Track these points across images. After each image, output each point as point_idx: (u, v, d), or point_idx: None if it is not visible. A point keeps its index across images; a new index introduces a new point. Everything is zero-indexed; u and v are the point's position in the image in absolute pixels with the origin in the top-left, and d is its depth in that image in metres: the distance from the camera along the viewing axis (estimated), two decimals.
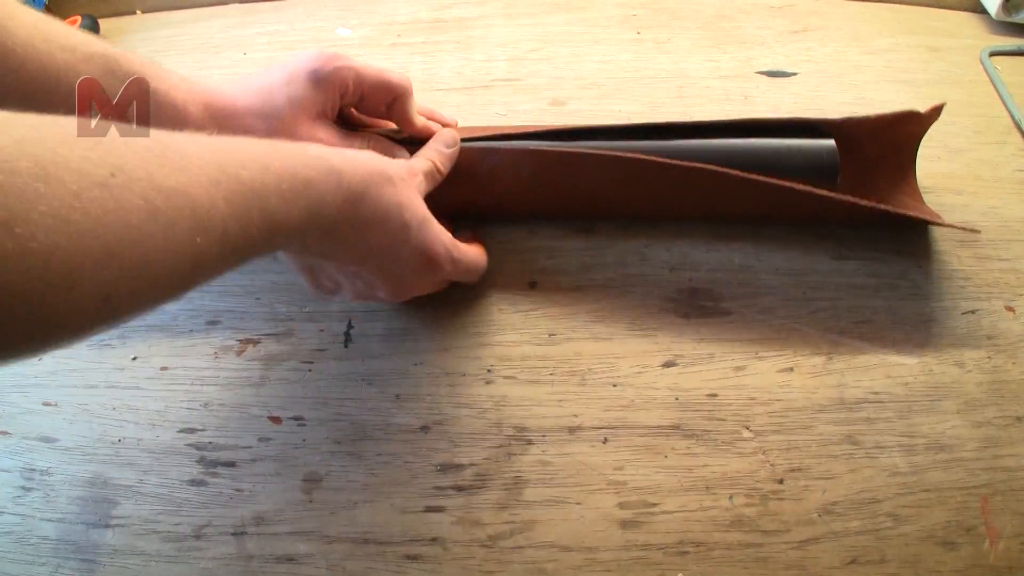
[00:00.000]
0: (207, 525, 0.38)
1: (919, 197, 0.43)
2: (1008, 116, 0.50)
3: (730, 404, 0.39)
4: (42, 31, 0.32)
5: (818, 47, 0.56)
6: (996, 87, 0.52)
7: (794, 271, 0.43)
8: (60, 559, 0.38)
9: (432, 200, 0.38)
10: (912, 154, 0.44)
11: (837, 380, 0.39)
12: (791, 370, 0.40)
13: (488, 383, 0.41)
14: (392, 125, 0.45)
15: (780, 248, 0.44)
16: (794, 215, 0.44)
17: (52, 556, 0.38)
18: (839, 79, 0.53)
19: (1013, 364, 0.39)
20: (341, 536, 0.38)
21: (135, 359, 0.44)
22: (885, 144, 0.43)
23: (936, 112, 0.41)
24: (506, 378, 0.41)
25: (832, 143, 0.41)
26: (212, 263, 0.26)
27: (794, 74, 0.54)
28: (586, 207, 0.45)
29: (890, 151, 0.44)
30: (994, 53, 0.54)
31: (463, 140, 0.42)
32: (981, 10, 0.58)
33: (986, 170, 0.47)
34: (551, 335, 0.42)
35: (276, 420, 0.41)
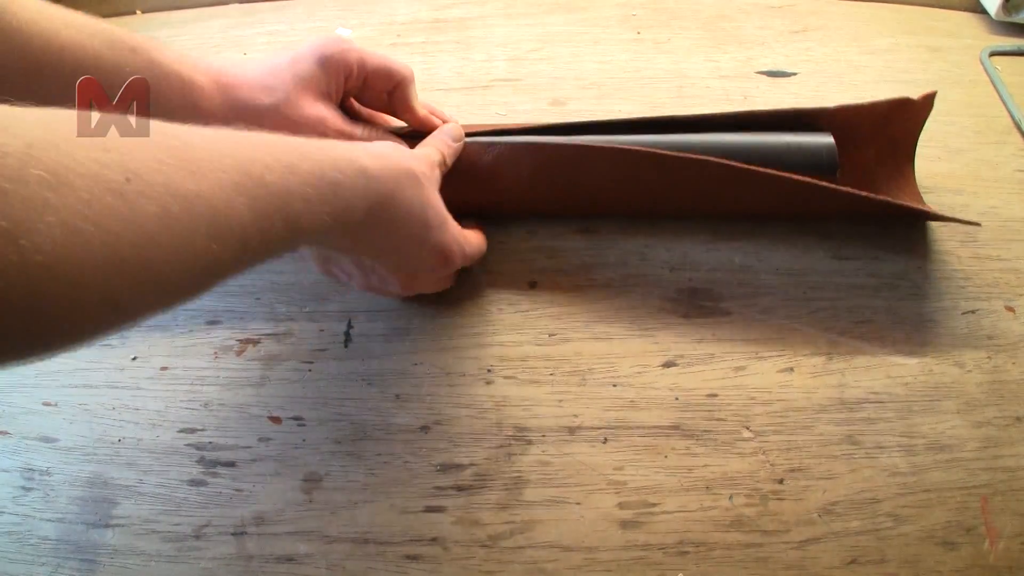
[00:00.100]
0: (207, 525, 0.38)
1: (919, 198, 0.43)
2: (1008, 116, 0.50)
3: (730, 404, 0.39)
4: (44, 12, 0.32)
5: (818, 47, 0.56)
6: (996, 87, 0.52)
7: (794, 271, 0.43)
8: (60, 559, 0.38)
9: None
10: (910, 154, 0.44)
11: (837, 380, 0.39)
12: (791, 370, 0.40)
13: (488, 383, 0.41)
14: (394, 122, 0.45)
15: (780, 248, 0.44)
16: (794, 211, 0.44)
17: (52, 556, 0.38)
18: (839, 79, 0.53)
19: (1013, 364, 0.39)
20: (341, 536, 0.38)
21: (135, 359, 0.44)
22: (883, 144, 0.43)
23: (929, 101, 0.41)
24: (506, 378, 0.41)
25: (831, 141, 0.41)
26: (227, 268, 0.25)
27: (794, 74, 0.54)
28: (586, 203, 0.45)
29: (888, 151, 0.44)
30: (994, 53, 0.54)
31: (465, 135, 0.43)
32: (981, 10, 0.58)
33: (986, 170, 0.47)
34: (551, 335, 0.42)
35: (276, 420, 0.41)
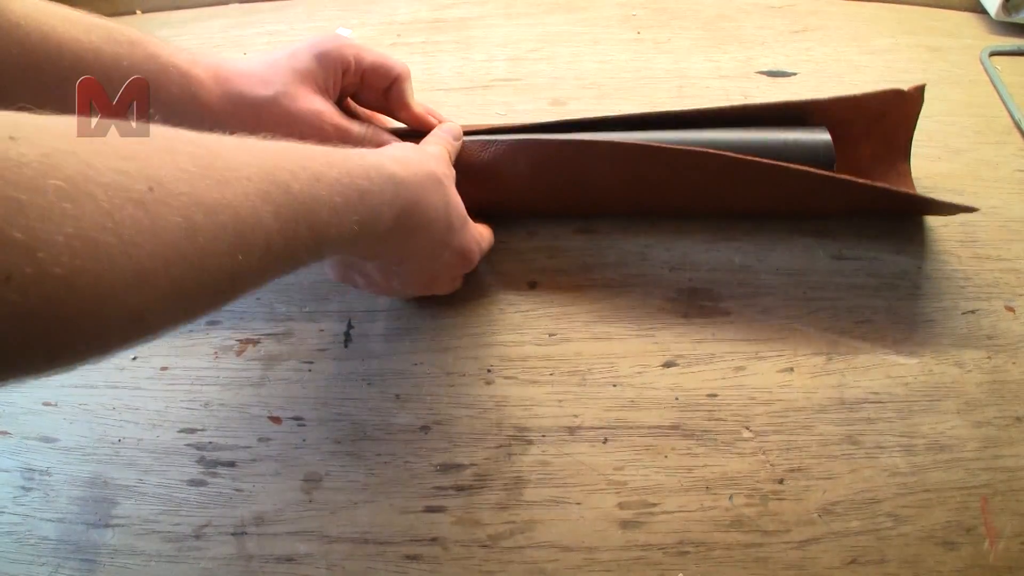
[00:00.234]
0: (207, 525, 0.38)
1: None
2: (1008, 116, 0.50)
3: (730, 404, 0.39)
4: (41, 8, 0.32)
5: (818, 47, 0.56)
6: (996, 87, 0.52)
7: (794, 271, 0.43)
8: (60, 559, 0.38)
9: None
10: (905, 151, 0.44)
11: (837, 380, 0.39)
12: (791, 370, 0.40)
13: (488, 383, 0.41)
14: (390, 122, 0.45)
15: (780, 248, 0.44)
16: (793, 207, 0.44)
17: (52, 556, 0.38)
18: (839, 79, 0.53)
19: (1013, 364, 0.39)
20: (341, 536, 0.38)
21: (135, 359, 0.44)
22: (878, 142, 0.43)
23: (919, 93, 0.42)
24: (506, 378, 0.41)
25: (827, 137, 0.41)
26: (252, 279, 0.25)
27: (794, 74, 0.54)
28: (586, 201, 0.45)
29: (883, 149, 0.44)
30: (994, 53, 0.54)
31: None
32: (981, 10, 0.58)
33: (986, 170, 0.47)
34: (551, 335, 0.42)
35: (276, 420, 0.41)
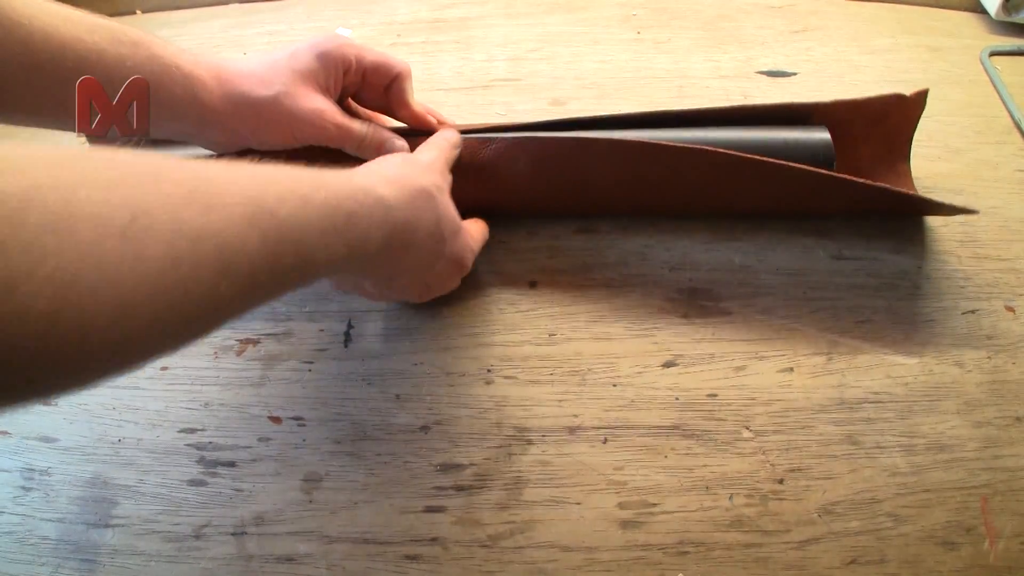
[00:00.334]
0: (207, 525, 0.38)
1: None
2: (1008, 116, 0.50)
3: (730, 404, 0.39)
4: (44, 8, 0.32)
5: (818, 47, 0.56)
6: (996, 87, 0.52)
7: (794, 271, 0.43)
8: (60, 559, 0.38)
9: None
10: (905, 153, 0.44)
11: (837, 380, 0.39)
12: (791, 370, 0.40)
13: (488, 383, 0.41)
14: (391, 122, 0.45)
15: (780, 248, 0.44)
16: (793, 207, 0.44)
17: (52, 556, 0.38)
18: (839, 79, 0.53)
19: (1013, 364, 0.39)
20: (341, 536, 0.38)
21: None
22: (877, 143, 0.43)
23: (921, 98, 0.42)
24: (506, 378, 0.41)
25: (827, 137, 0.41)
26: (236, 305, 0.24)
27: (794, 74, 0.54)
28: (586, 200, 0.45)
29: (883, 151, 0.44)
30: (994, 53, 0.54)
31: (462, 132, 0.43)
32: (981, 10, 0.58)
33: (986, 170, 0.47)
34: (551, 335, 0.42)
35: (276, 420, 0.41)
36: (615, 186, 0.43)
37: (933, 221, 0.44)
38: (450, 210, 0.37)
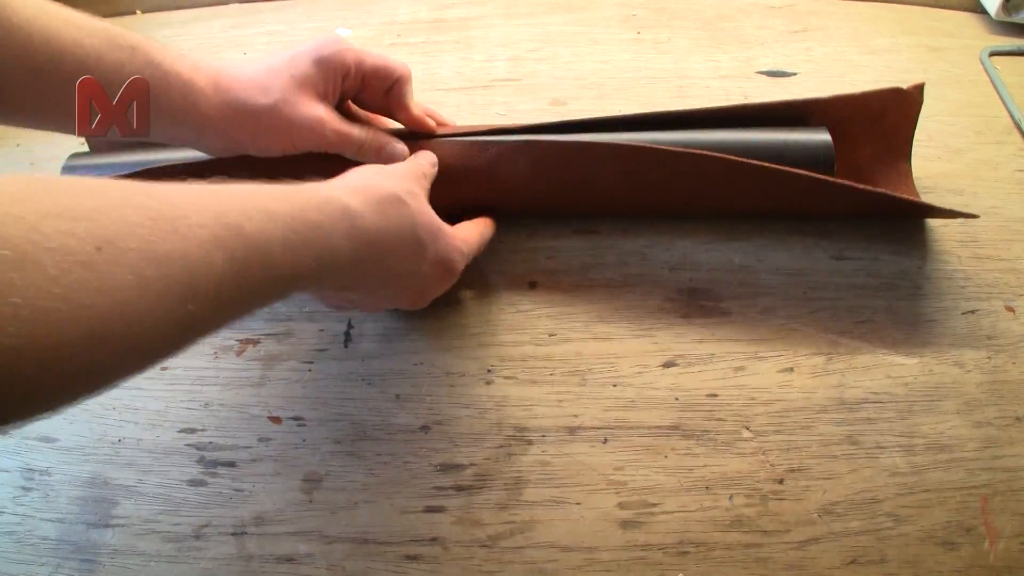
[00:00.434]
0: (207, 525, 0.38)
1: (917, 196, 0.43)
2: (1008, 116, 0.50)
3: (730, 404, 0.39)
4: (44, 9, 0.32)
5: (818, 47, 0.56)
6: (996, 87, 0.52)
7: (794, 271, 0.43)
8: (60, 559, 0.38)
9: (430, 201, 0.38)
10: (906, 151, 0.44)
11: (837, 380, 0.39)
12: (791, 370, 0.40)
13: (488, 383, 0.41)
14: (391, 124, 0.45)
15: (780, 248, 0.44)
16: (793, 209, 0.44)
17: (52, 556, 0.38)
18: (839, 79, 0.53)
19: (1013, 364, 0.39)
20: (341, 536, 0.38)
21: None
22: (878, 142, 0.43)
23: (919, 92, 0.42)
24: (506, 378, 0.41)
25: (828, 139, 0.41)
26: (205, 326, 0.24)
27: (794, 74, 0.54)
28: (586, 202, 0.45)
29: (884, 149, 0.44)
30: (994, 53, 0.54)
31: (461, 135, 0.43)
32: (981, 10, 0.58)
33: (986, 170, 0.47)
34: (551, 335, 0.42)
35: (276, 420, 0.41)
36: (615, 188, 0.43)
37: (933, 221, 0.44)
38: (426, 214, 0.36)
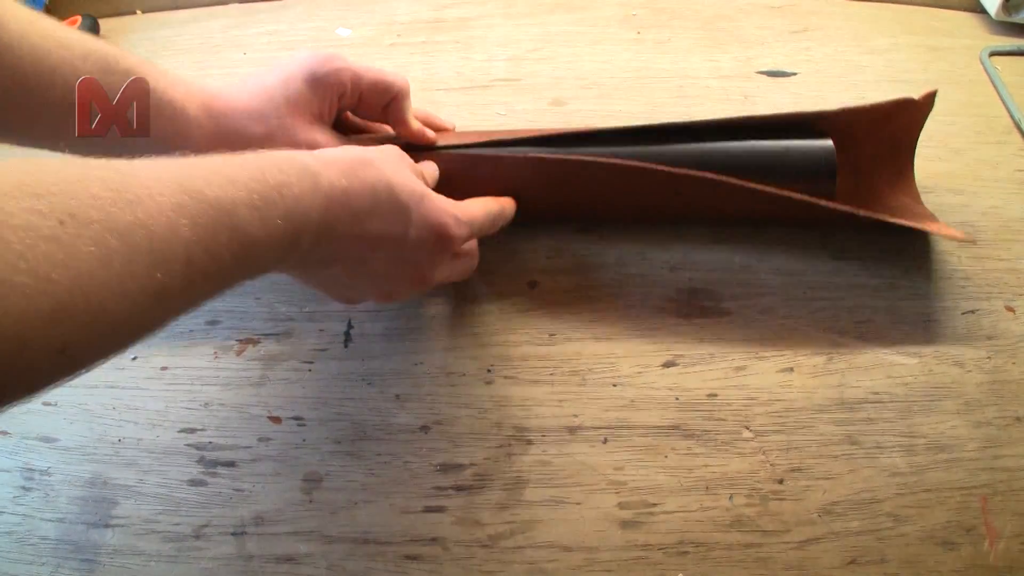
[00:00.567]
0: (207, 525, 0.38)
1: (917, 197, 0.43)
2: (1008, 116, 0.50)
3: (730, 404, 0.39)
4: (36, 26, 0.32)
5: (818, 47, 0.56)
6: (996, 87, 0.52)
7: (794, 271, 0.43)
8: (60, 559, 0.38)
9: None
10: (910, 153, 0.44)
11: (837, 380, 0.39)
12: (791, 370, 0.40)
13: (488, 383, 0.41)
14: (389, 130, 0.45)
15: (780, 248, 0.44)
16: (793, 218, 0.44)
17: (52, 556, 0.38)
18: (839, 79, 0.53)
19: (1013, 364, 0.39)
20: (341, 536, 0.38)
21: (135, 359, 0.44)
22: (882, 142, 0.43)
23: (930, 100, 0.41)
24: (506, 378, 0.41)
25: (829, 143, 0.41)
26: (178, 297, 0.24)
27: (794, 74, 0.54)
28: (586, 211, 0.45)
29: (887, 150, 0.44)
30: (994, 53, 0.54)
31: (460, 146, 0.42)
32: (981, 10, 0.58)
33: (986, 170, 0.47)
34: (551, 335, 0.42)
35: (276, 420, 0.41)
36: (616, 201, 0.44)
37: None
38: (406, 178, 0.34)
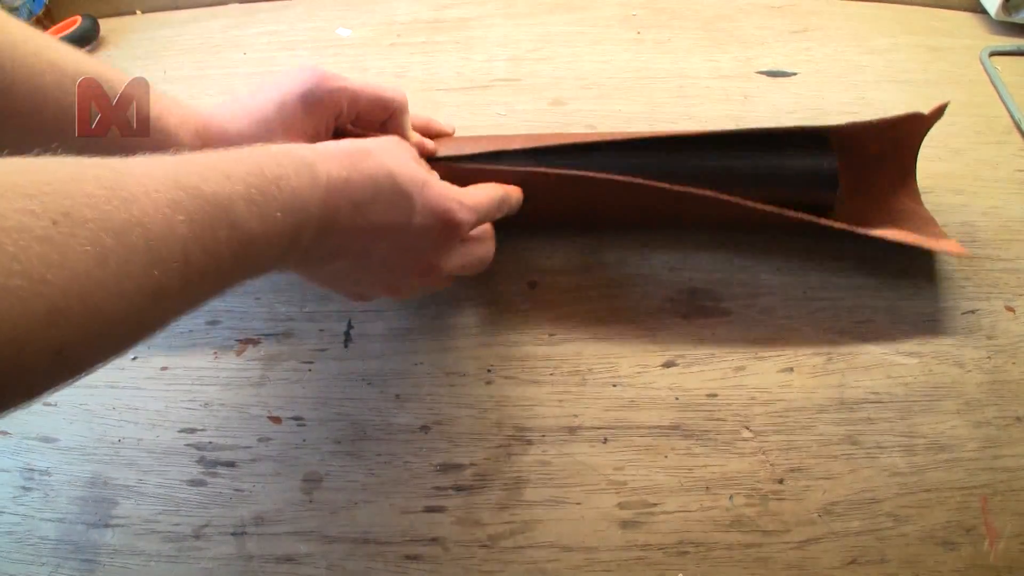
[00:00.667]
0: (207, 525, 0.38)
1: (918, 199, 0.43)
2: (1008, 116, 0.50)
3: (730, 404, 0.39)
4: (30, 43, 0.31)
5: (818, 47, 0.56)
6: (996, 87, 0.52)
7: (794, 271, 0.43)
8: (60, 559, 0.38)
9: None
10: (913, 154, 0.44)
11: (837, 380, 0.39)
12: (791, 370, 0.40)
13: (488, 383, 0.41)
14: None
15: (780, 248, 0.44)
16: (793, 227, 0.43)
17: (52, 556, 0.38)
18: (839, 79, 0.53)
19: (1013, 364, 0.39)
20: (341, 536, 0.38)
21: (135, 359, 0.44)
22: (886, 142, 0.43)
23: (939, 112, 0.41)
24: (506, 378, 0.41)
25: (832, 155, 0.41)
26: (176, 296, 0.24)
27: (794, 74, 0.54)
28: (588, 219, 0.45)
29: (891, 150, 0.44)
30: (994, 53, 0.54)
31: (460, 157, 0.42)
32: (981, 10, 0.58)
33: (986, 170, 0.47)
34: (551, 335, 0.42)
35: (276, 420, 0.41)
36: (616, 212, 0.44)
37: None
38: (408, 165, 0.34)
